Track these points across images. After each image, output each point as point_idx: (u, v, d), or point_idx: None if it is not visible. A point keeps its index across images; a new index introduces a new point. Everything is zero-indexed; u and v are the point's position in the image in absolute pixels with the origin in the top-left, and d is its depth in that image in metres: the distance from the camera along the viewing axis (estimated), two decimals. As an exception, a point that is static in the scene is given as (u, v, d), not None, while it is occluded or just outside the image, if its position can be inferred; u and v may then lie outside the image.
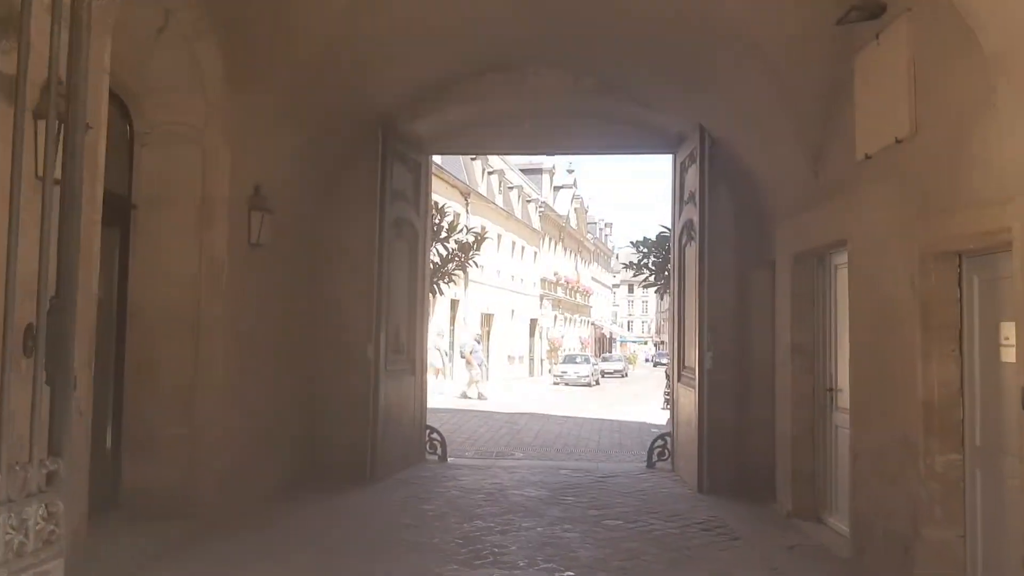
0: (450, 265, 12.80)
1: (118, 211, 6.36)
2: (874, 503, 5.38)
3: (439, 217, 12.41)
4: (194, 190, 6.51)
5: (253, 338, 7.23)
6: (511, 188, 39.79)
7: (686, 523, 6.90)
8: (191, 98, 6.45)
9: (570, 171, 54.25)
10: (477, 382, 23.27)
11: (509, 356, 36.10)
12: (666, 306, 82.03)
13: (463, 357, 23.92)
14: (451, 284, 12.99)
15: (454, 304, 29.96)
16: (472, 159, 33.49)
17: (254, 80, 6.77)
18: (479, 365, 23.59)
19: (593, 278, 64.22)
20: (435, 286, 12.47)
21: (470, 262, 12.96)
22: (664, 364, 72.91)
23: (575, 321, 54.94)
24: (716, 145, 8.51)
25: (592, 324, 62.65)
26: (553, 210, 47.79)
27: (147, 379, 6.38)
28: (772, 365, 8.14)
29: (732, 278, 8.86)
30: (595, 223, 68.64)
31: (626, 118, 9.55)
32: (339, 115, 8.39)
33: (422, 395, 10.17)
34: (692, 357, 8.95)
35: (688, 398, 9.03)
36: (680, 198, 9.69)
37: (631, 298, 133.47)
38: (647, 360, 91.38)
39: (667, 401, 19.91)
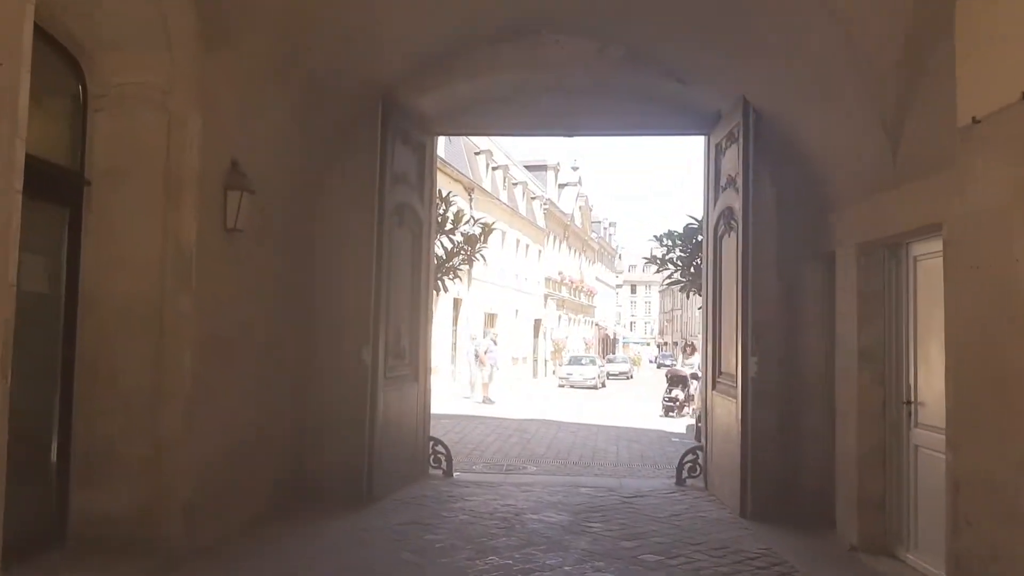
0: (456, 259, 11.78)
1: (68, 187, 5.36)
2: (986, 546, 4.34)
3: (444, 207, 11.38)
4: (158, 163, 5.48)
5: (230, 340, 6.21)
6: (515, 184, 38.78)
7: (737, 559, 5.87)
8: (155, 55, 5.42)
9: (575, 168, 53.23)
10: (486, 384, 22.23)
11: (513, 357, 35.06)
12: (670, 307, 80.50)
13: (477, 358, 22.85)
14: (456, 280, 12.00)
15: (457, 303, 28.93)
16: (476, 153, 32.48)
17: (232, 38, 5.76)
18: (491, 366, 22.54)
19: (597, 278, 63.20)
20: (439, 282, 11.44)
21: (477, 256, 11.94)
22: (668, 365, 71.91)
23: (579, 321, 53.93)
24: (760, 121, 7.48)
25: (596, 325, 61.64)
26: (558, 208, 46.76)
27: (101, 387, 5.36)
28: (827, 372, 7.12)
29: (777, 273, 7.84)
30: (599, 222, 67.64)
31: (655, 94, 8.53)
32: (333, 85, 7.37)
33: (425, 404, 9.15)
34: (731, 362, 7.94)
35: (726, 408, 8.01)
36: (715, 184, 8.66)
37: (634, 299, 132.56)
38: (650, 361, 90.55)
39: (667, 409, 19.48)
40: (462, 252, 11.87)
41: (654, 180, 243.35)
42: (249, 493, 6.67)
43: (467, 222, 11.85)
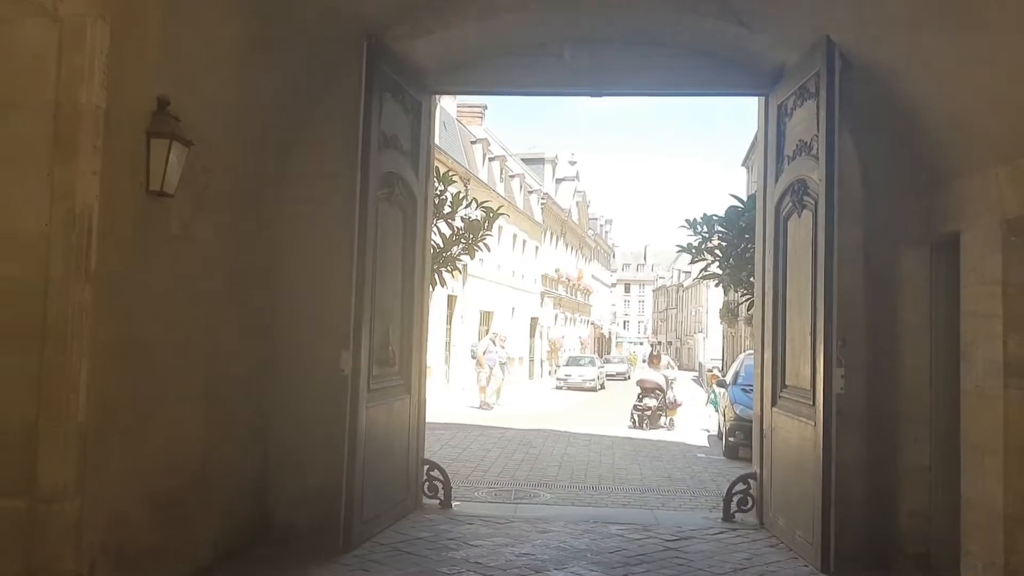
0: (455, 248, 10.16)
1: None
2: None
3: (441, 186, 9.77)
4: (43, 95, 3.85)
5: (157, 346, 4.58)
6: (512, 177, 37.17)
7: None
8: (39, -62, 3.79)
9: (572, 162, 51.70)
10: (484, 387, 20.55)
11: (509, 357, 33.43)
12: (664, 305, 79.29)
13: (474, 358, 21.11)
14: (455, 273, 10.39)
15: (451, 300, 27.30)
16: (472, 142, 30.87)
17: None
18: (490, 368, 20.81)
19: (593, 276, 61.68)
20: (436, 275, 9.82)
21: (480, 245, 10.31)
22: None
23: (575, 320, 52.39)
24: (847, 71, 5.89)
25: (592, 324, 60.13)
26: (556, 203, 45.19)
27: (-42, 414, 3.73)
28: (935, 391, 5.56)
29: (862, 264, 6.25)
30: (596, 219, 66.12)
31: (705, 44, 6.95)
32: (308, 17, 5.74)
33: (419, 421, 7.53)
34: (801, 374, 6.36)
35: (795, 431, 6.42)
36: (776, 154, 7.07)
37: (627, 297, 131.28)
38: (643, 361, 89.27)
39: (639, 420, 17.18)
40: (463, 240, 10.24)
41: (653, 173, 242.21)
42: (185, 545, 5.04)
43: (468, 205, 10.20)
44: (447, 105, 31.37)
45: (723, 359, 61.08)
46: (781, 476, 6.81)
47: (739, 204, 9.16)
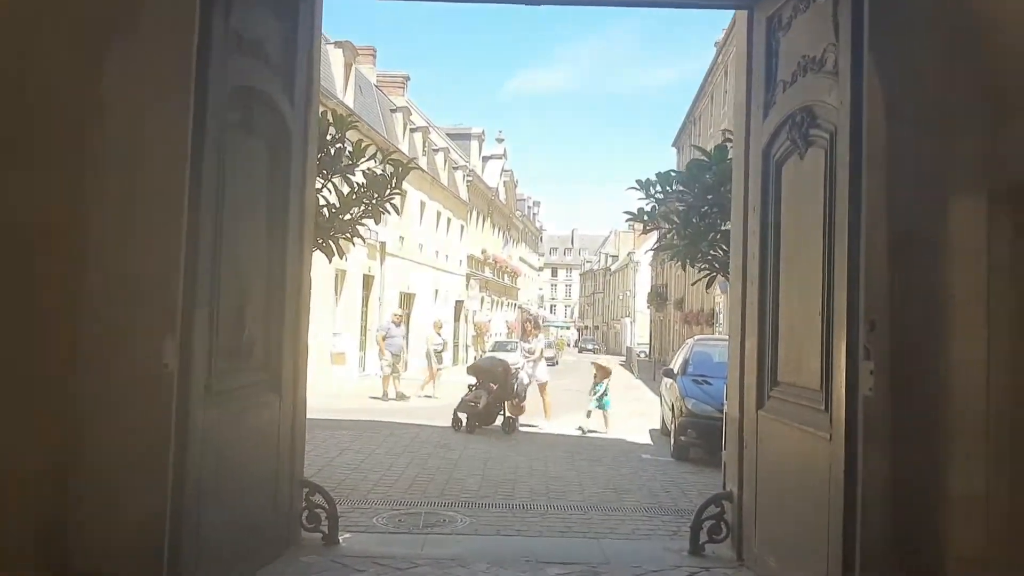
0: (355, 210, 8.25)
1: None
2: None
3: (335, 131, 7.86)
4: None
5: None
6: (436, 151, 35.12)
7: None
8: None
9: (500, 140, 49.92)
10: (387, 377, 18.41)
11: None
12: (590, 290, 79.06)
13: (377, 343, 18.92)
14: (355, 242, 8.49)
15: (368, 281, 25.22)
16: (392, 111, 28.73)
17: None
18: (392, 354, 18.40)
19: (521, 258, 60.12)
20: (329, 242, 7.93)
21: (386, 207, 8.42)
22: (590, 350, 70.70)
23: (502, 304, 50.77)
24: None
25: (520, 308, 58.61)
26: (482, 180, 43.32)
27: None
28: (998, 396, 4.01)
29: (886, 220, 4.63)
30: (524, 200, 64.51)
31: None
32: None
33: (294, 431, 5.66)
34: (806, 369, 4.76)
35: (797, 445, 4.83)
36: (766, 81, 5.44)
37: (554, 281, 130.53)
38: (570, 345, 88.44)
39: (457, 422, 12.45)
40: (365, 200, 8.34)
41: (583, 162, 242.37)
42: None
43: (372, 156, 8.30)
44: (365, 72, 29.13)
45: (651, 344, 60.56)
46: (772, 500, 5.20)
47: (703, 157, 7.49)
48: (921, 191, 4.33)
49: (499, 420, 12.79)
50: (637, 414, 17.16)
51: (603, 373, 15.41)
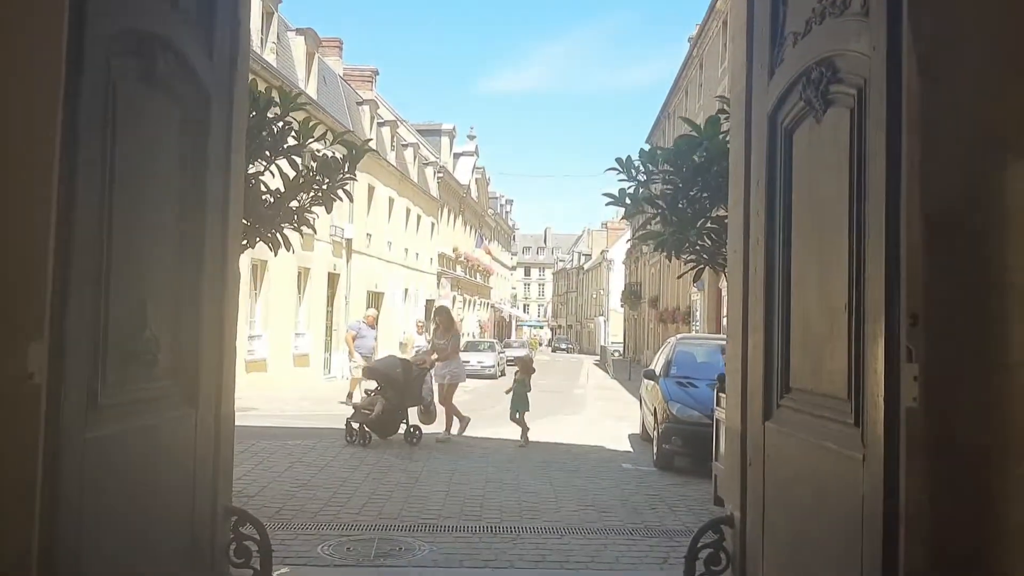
0: (303, 196, 7.36)
1: None
2: None
3: (276, 107, 6.96)
4: None
5: None
6: (405, 146, 34.14)
7: None
8: None
9: (471, 136, 49.01)
10: (359, 380, 17.10)
11: (401, 343, 30.56)
12: (564, 289, 78.56)
13: (346, 344, 17.59)
14: (302, 232, 7.56)
15: (333, 279, 24.22)
16: (359, 103, 27.71)
17: None
18: (363, 356, 17.07)
19: (493, 257, 59.26)
20: (276, 234, 7.04)
21: (337, 194, 7.52)
22: (564, 349, 70.15)
23: (474, 303, 49.87)
24: None
25: (492, 307, 57.78)
26: (454, 177, 42.39)
27: None
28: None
29: (919, 193, 3.84)
30: (496, 198, 63.63)
31: None
32: None
33: (218, 449, 4.76)
34: (828, 372, 3.97)
35: (816, 464, 4.03)
36: (771, 36, 4.65)
37: (527, 280, 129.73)
38: (543, 344, 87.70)
39: (349, 434, 10.45)
40: (315, 185, 7.46)
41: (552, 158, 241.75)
42: None
43: (322, 136, 7.41)
44: (331, 64, 28.13)
45: (624, 342, 60.01)
46: (784, 528, 4.40)
47: (693, 134, 6.68)
48: (976, 155, 3.54)
49: (403, 429, 10.86)
50: (614, 416, 16.39)
51: (524, 370, 12.42)
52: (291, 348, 19.76)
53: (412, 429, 10.73)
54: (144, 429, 4.04)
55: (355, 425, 10.52)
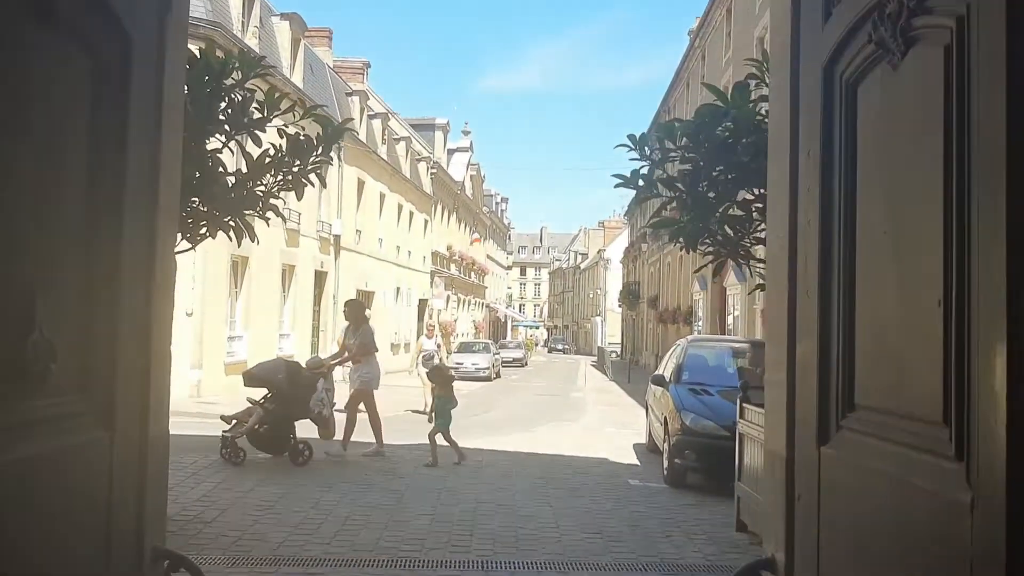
0: (269, 179, 6.47)
1: None
2: None
3: (243, 76, 6.07)
4: None
5: None
6: (397, 140, 33.20)
7: None
8: None
9: (466, 132, 48.14)
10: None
11: (392, 344, 29.67)
12: (560, 288, 77.64)
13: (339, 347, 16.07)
14: (268, 221, 6.67)
15: (320, 277, 23.31)
16: (348, 94, 26.79)
17: None
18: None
19: (488, 256, 58.35)
20: (238, 221, 6.14)
21: (308, 178, 6.63)
22: (560, 350, 69.11)
23: (469, 303, 48.95)
24: None
25: (487, 307, 56.87)
26: (447, 173, 41.46)
27: None
28: None
29: (1005, 159, 2.94)
30: (491, 195, 62.71)
31: None
32: None
33: (143, 481, 3.81)
34: (918, 387, 3.04)
35: (896, 503, 3.10)
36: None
37: (523, 280, 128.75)
38: (539, 345, 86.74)
39: (225, 452, 8.72)
40: (285, 167, 6.56)
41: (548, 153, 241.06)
42: None
43: (290, 108, 6.51)
44: (321, 54, 27.22)
45: (622, 343, 59.12)
46: (849, 570, 3.51)
47: (718, 104, 5.79)
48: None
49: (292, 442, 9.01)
50: (615, 423, 15.52)
51: (442, 383, 10.23)
52: (275, 349, 18.83)
53: (301, 446, 8.94)
54: (31, 460, 3.15)
55: (232, 438, 8.72)
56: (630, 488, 8.35)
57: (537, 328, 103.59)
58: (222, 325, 17.43)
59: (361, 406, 9.91)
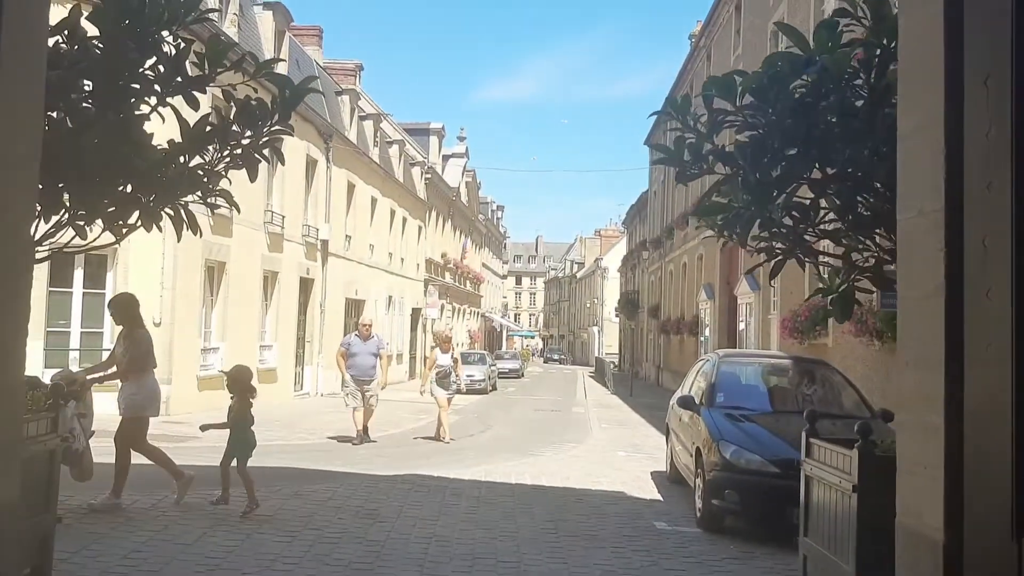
0: (213, 152, 5.16)
1: None
2: None
3: (177, 26, 4.73)
4: None
5: None
6: (390, 143, 31.86)
7: None
8: None
9: (462, 138, 46.84)
10: (356, 409, 13.31)
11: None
12: (555, 298, 76.31)
13: (337, 365, 13.94)
14: (213, 210, 5.28)
15: (306, 284, 21.91)
16: (338, 93, 25.45)
17: None
18: (357, 380, 13.14)
19: (484, 264, 56.98)
20: (179, 209, 4.78)
21: (262, 154, 5.32)
22: (556, 360, 67.61)
23: (464, 312, 47.53)
24: None
25: (483, 316, 55.46)
26: (442, 179, 40.13)
27: None
28: None
29: None
30: (487, 203, 61.37)
31: None
32: None
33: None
34: None
35: None
36: None
37: (519, 289, 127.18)
38: (535, 355, 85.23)
39: None
40: (232, 141, 5.22)
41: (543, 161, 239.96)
42: None
43: (238, 67, 5.17)
44: (311, 53, 25.93)
45: (620, 353, 57.66)
46: None
47: (796, 49, 4.45)
48: None
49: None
50: (626, 445, 14.11)
51: (241, 393, 7.30)
52: (255, 362, 17.43)
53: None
54: None
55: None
56: (658, 535, 6.97)
57: (533, 338, 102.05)
58: (195, 336, 16.03)
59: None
